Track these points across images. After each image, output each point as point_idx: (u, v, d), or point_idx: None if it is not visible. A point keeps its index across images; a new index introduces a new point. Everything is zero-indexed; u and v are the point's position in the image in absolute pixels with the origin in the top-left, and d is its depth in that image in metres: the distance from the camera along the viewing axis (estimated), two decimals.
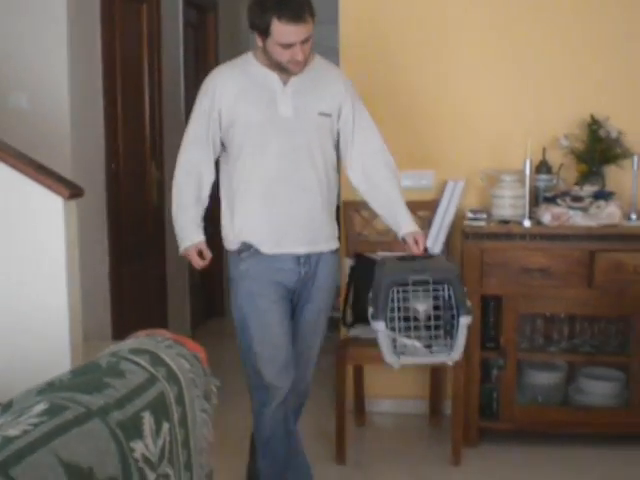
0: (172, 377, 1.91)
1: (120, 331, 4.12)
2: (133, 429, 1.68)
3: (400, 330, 2.93)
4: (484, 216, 3.84)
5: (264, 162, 2.95)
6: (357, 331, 3.77)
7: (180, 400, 1.91)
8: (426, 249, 3.10)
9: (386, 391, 4.35)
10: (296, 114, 2.94)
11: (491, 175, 3.97)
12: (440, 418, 4.18)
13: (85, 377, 1.77)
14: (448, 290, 2.92)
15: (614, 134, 3.99)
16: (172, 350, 2.00)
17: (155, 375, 1.85)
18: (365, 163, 3.11)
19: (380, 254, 3.73)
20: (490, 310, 3.89)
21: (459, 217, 3.89)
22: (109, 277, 4.38)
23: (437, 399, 4.22)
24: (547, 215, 3.72)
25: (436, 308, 2.95)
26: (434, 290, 2.93)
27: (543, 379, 4.01)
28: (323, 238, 3.06)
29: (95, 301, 4.12)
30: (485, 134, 4.12)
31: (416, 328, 2.94)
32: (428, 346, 2.95)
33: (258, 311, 2.98)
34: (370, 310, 2.99)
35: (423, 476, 3.61)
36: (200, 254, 3.14)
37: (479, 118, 4.13)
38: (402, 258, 3.10)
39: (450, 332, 2.93)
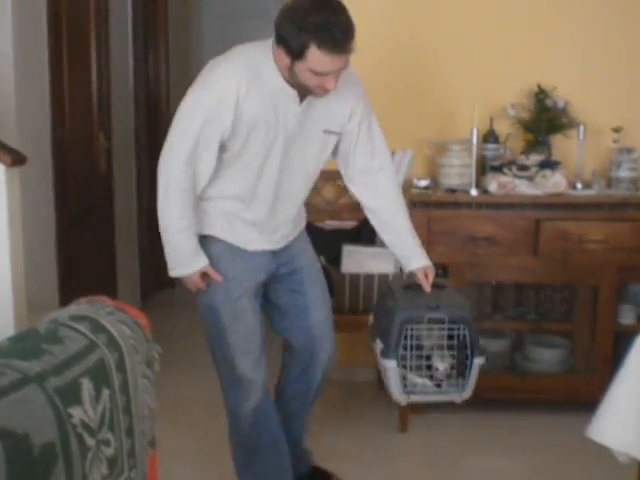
0: (112, 343, 1.90)
1: (68, 302, 4.08)
2: (71, 395, 1.67)
3: (412, 368, 2.79)
4: (431, 185, 3.86)
5: (259, 173, 2.71)
6: None
7: (121, 366, 1.90)
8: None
9: (359, 359, 4.37)
10: (302, 130, 2.70)
11: (439, 144, 3.99)
12: None
13: (23, 344, 1.76)
14: (463, 330, 2.78)
15: (561, 104, 4.02)
16: (113, 317, 1.99)
17: (95, 341, 1.85)
18: (370, 182, 2.90)
19: (328, 223, 3.74)
20: None
21: (407, 186, 3.90)
22: (56, 246, 4.33)
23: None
24: (493, 184, 3.74)
25: (450, 347, 2.81)
26: (449, 329, 2.78)
27: (490, 346, 4.05)
28: (297, 230, 2.95)
29: (42, 271, 4.08)
30: (433, 104, 4.13)
31: (428, 367, 2.81)
32: (438, 385, 2.81)
33: (231, 299, 2.78)
34: (380, 345, 2.83)
35: (370, 443, 3.65)
36: (203, 276, 2.80)
37: (427, 88, 4.14)
38: (408, 286, 2.94)
39: (462, 372, 2.80)
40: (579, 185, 3.87)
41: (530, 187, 3.75)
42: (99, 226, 4.93)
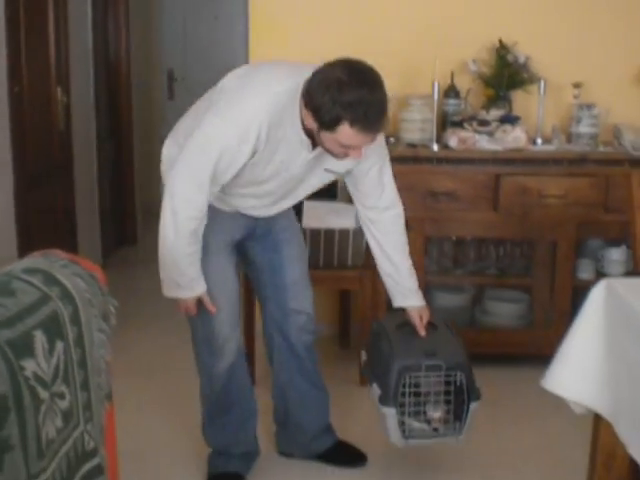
0: (67, 296, 1.88)
1: None
2: (23, 347, 1.65)
3: (410, 414, 2.82)
4: (392, 140, 3.85)
5: (254, 187, 2.69)
6: None
7: (75, 319, 1.88)
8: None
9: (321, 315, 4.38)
10: (304, 170, 2.66)
11: (400, 99, 3.97)
12: (349, 340, 4.25)
13: None
14: (460, 376, 2.82)
15: (522, 59, 4.02)
16: (67, 269, 1.97)
17: (48, 294, 1.82)
18: (376, 217, 2.88)
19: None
20: None
21: None
22: (14, 205, 4.27)
23: (347, 321, 4.27)
24: (454, 139, 3.74)
25: (447, 393, 2.84)
26: (446, 376, 2.82)
27: (450, 301, 4.09)
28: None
29: (0, 231, 4.03)
30: (394, 58, 4.10)
31: (425, 412, 2.85)
32: (435, 429, 2.85)
33: (210, 254, 2.72)
34: (377, 391, 2.85)
35: (331, 394, 3.66)
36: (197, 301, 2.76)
37: (388, 41, 4.11)
38: (401, 326, 2.95)
39: (459, 415, 2.84)
40: (539, 140, 3.89)
41: (490, 142, 3.76)
42: (58, 184, 4.87)
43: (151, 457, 3.13)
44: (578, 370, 2.04)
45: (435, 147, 3.77)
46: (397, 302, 2.96)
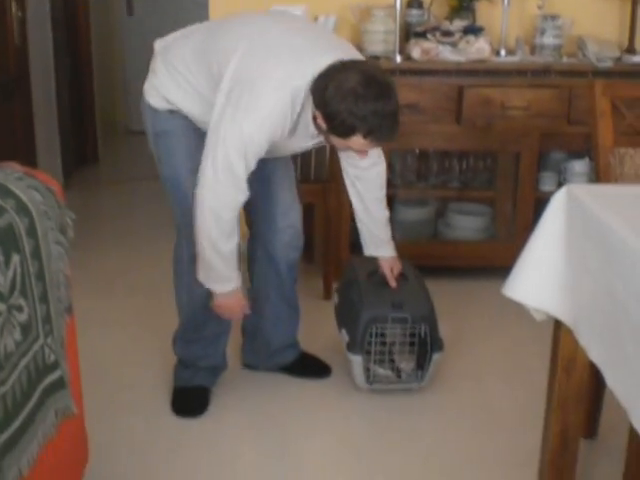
0: (22, 209, 1.84)
1: None
2: None
3: (375, 362, 2.95)
4: None
5: None
6: None
7: (32, 232, 1.85)
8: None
9: None
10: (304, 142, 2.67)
11: (362, 10, 3.90)
12: (313, 254, 4.25)
13: None
14: (424, 328, 2.92)
15: None
16: (22, 182, 1.93)
17: (3, 207, 1.78)
18: (359, 174, 2.89)
19: None
20: None
21: None
22: None
23: (310, 236, 4.26)
24: (417, 50, 3.70)
25: (411, 344, 2.98)
26: (411, 327, 2.93)
27: (413, 215, 4.09)
28: None
29: None
30: None
31: (391, 360, 3.01)
32: (399, 375, 2.99)
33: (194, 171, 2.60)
34: (346, 337, 2.98)
35: None
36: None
37: None
38: (372, 274, 3.05)
39: (422, 364, 2.95)
40: (503, 52, 3.85)
41: (453, 53, 3.72)
42: (16, 100, 4.77)
43: (115, 373, 3.13)
44: (539, 277, 2.05)
45: (398, 59, 3.73)
46: (369, 251, 3.02)
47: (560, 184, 3.97)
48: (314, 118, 2.48)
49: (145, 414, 2.86)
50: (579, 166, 3.96)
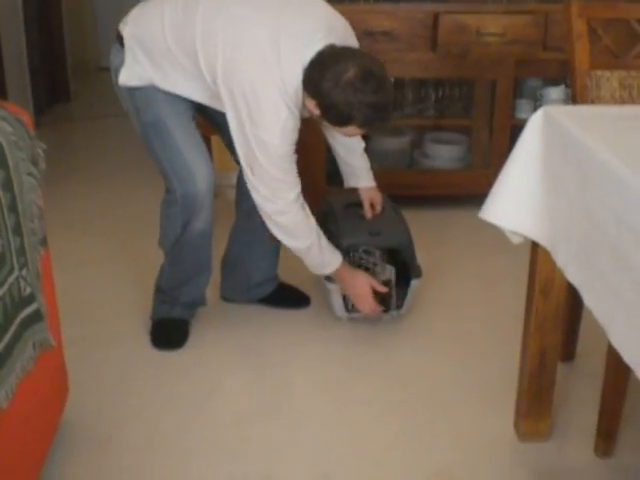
0: None
1: None
2: None
3: None
4: None
5: None
6: None
7: (2, 163, 1.81)
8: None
9: (234, 165, 4.33)
10: None
11: None
12: None
13: None
14: (402, 254, 2.94)
15: None
16: None
17: None
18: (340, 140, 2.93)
19: None
20: None
21: None
22: None
23: None
24: None
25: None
26: (389, 255, 2.96)
27: (390, 144, 4.07)
28: None
29: None
30: None
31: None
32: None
33: (178, 112, 2.64)
34: None
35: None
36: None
37: None
38: (349, 206, 3.07)
39: (399, 293, 2.94)
40: None
41: None
42: None
43: (93, 309, 3.12)
44: (515, 199, 2.04)
45: None
46: (350, 183, 3.05)
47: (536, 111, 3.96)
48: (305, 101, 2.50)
49: (125, 348, 2.85)
50: (555, 93, 3.94)
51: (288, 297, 3.14)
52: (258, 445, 2.34)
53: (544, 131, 2.00)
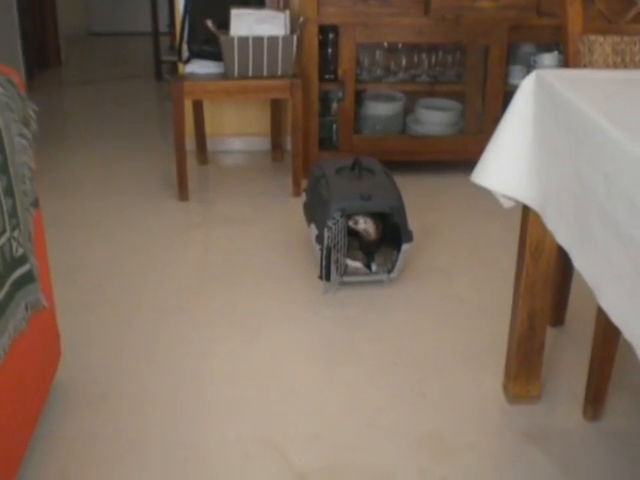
0: None
1: None
2: None
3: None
4: None
5: None
6: (194, 67, 3.67)
7: None
8: None
9: (227, 130, 4.34)
10: None
11: None
12: (282, 153, 4.23)
13: None
14: (393, 219, 2.94)
15: None
16: None
17: None
18: None
19: None
20: (328, 41, 3.84)
21: None
22: None
23: (278, 134, 4.24)
24: None
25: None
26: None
27: (382, 110, 4.06)
28: None
29: None
30: None
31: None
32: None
33: None
34: (315, 231, 2.97)
35: (265, 207, 3.68)
36: None
37: None
38: (340, 170, 3.07)
39: (390, 256, 2.96)
40: None
41: None
42: None
43: (86, 272, 3.12)
44: (507, 162, 2.04)
45: None
46: None
47: None
48: None
49: (118, 311, 2.86)
50: (548, 59, 3.94)
51: None
52: (251, 407, 2.35)
53: (536, 94, 2.00)
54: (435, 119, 4.04)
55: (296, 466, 2.10)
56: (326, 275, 2.92)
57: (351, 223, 2.92)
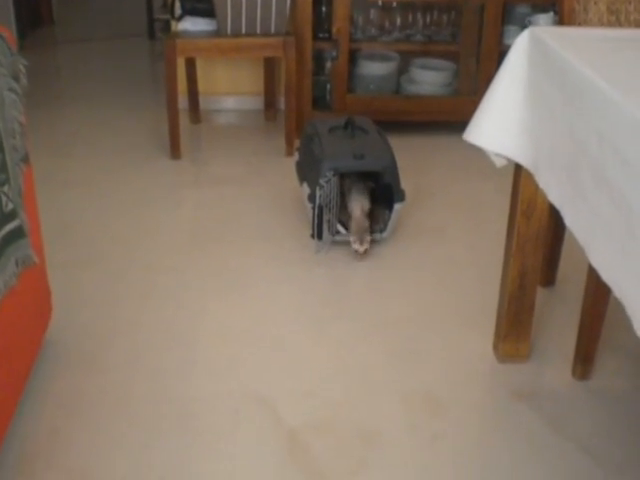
0: None
1: None
2: None
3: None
4: None
5: None
6: (187, 24, 3.64)
7: None
8: None
9: (220, 88, 4.31)
10: None
11: None
12: (275, 112, 4.21)
13: None
14: (387, 177, 2.93)
15: None
16: None
17: None
18: None
19: None
20: None
21: None
22: None
23: (272, 93, 4.21)
24: None
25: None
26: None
27: (376, 69, 4.04)
28: None
29: None
30: None
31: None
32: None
33: None
34: (307, 190, 2.95)
35: (258, 166, 3.67)
36: None
37: None
38: (333, 129, 3.07)
39: (382, 216, 2.97)
40: None
41: None
42: None
43: (78, 231, 3.11)
44: (500, 121, 2.03)
45: None
46: None
47: None
48: None
49: (109, 270, 2.86)
50: (544, 20, 3.91)
51: None
52: (241, 364, 2.36)
53: (530, 52, 1.98)
54: (429, 79, 4.02)
55: (286, 422, 2.11)
56: (318, 234, 2.92)
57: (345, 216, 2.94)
